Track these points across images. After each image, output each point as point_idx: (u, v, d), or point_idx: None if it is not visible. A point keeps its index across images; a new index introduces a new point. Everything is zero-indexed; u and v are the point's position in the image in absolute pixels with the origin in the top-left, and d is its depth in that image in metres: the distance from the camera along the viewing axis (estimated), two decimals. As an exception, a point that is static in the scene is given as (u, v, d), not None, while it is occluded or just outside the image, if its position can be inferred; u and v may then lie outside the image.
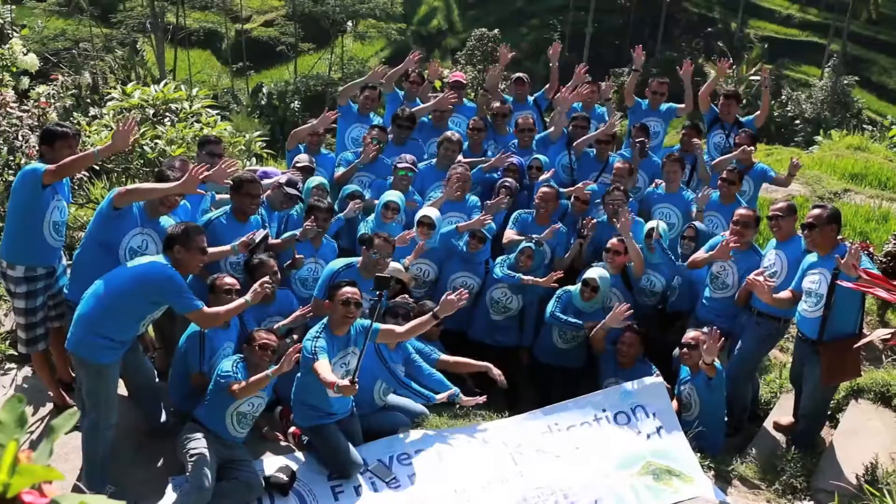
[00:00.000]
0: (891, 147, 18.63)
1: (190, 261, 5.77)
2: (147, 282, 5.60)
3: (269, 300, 6.76)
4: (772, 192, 11.93)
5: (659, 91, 10.43)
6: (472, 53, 41.99)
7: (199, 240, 5.78)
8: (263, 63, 50.05)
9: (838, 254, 6.51)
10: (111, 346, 5.64)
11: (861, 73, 48.06)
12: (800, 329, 7.06)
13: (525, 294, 8.21)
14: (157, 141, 9.82)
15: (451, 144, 9.04)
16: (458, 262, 8.30)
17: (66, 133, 6.45)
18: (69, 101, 11.00)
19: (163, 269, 5.63)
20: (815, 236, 6.75)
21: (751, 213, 7.86)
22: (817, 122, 36.03)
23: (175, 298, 5.66)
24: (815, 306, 6.70)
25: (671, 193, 9.07)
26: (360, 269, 7.11)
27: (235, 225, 7.09)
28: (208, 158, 7.55)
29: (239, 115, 33.74)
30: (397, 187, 8.53)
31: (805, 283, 6.83)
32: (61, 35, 45.04)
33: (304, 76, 45.00)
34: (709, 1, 58.59)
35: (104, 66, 18.86)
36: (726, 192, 8.78)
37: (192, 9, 51.16)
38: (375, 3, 45.92)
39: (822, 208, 6.83)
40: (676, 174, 9.05)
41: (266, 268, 6.73)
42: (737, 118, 10.15)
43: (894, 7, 49.95)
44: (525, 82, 10.61)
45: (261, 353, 6.08)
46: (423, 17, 56.75)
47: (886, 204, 12.64)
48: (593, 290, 7.82)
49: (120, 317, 5.63)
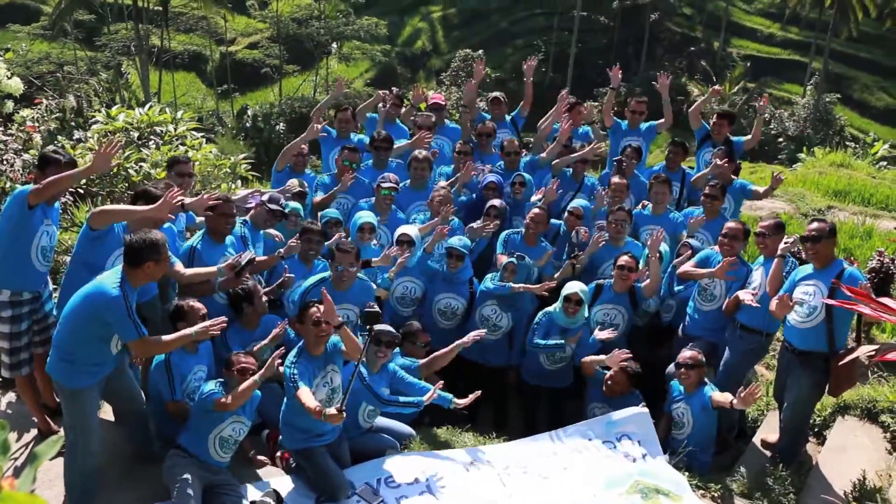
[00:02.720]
0: (873, 164, 18.78)
1: (158, 272, 5.67)
2: (92, 304, 5.46)
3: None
4: (756, 209, 11.99)
5: (637, 110, 10.45)
6: (456, 74, 42.19)
7: (165, 249, 5.64)
8: (248, 85, 50.05)
9: (835, 268, 6.67)
10: (84, 370, 5.57)
11: (843, 90, 48.49)
12: (786, 338, 7.08)
13: (514, 311, 8.19)
14: (141, 164, 9.78)
15: (419, 163, 9.03)
16: (441, 283, 8.28)
17: (57, 161, 6.43)
18: (53, 124, 10.98)
19: (104, 292, 5.44)
20: (819, 248, 6.81)
21: (739, 225, 7.90)
22: (800, 140, 36.29)
23: (115, 323, 5.47)
24: (806, 317, 6.74)
25: (658, 215, 9.08)
26: (333, 282, 7.18)
27: (212, 246, 7.08)
28: (177, 178, 7.61)
29: (224, 138, 33.66)
30: (380, 207, 8.56)
31: (797, 294, 6.85)
32: (46, 58, 44.94)
33: (288, 98, 45.00)
34: (692, 21, 58.99)
35: (89, 89, 18.88)
36: (710, 208, 8.82)
37: (176, 31, 51.18)
38: (360, 24, 45.98)
39: (822, 222, 6.93)
40: (664, 196, 9.07)
41: (255, 298, 6.79)
42: (727, 137, 10.15)
43: (875, 25, 50.36)
44: (502, 102, 10.66)
45: (240, 378, 6.04)
46: (407, 38, 56.89)
47: (870, 220, 12.72)
48: (577, 304, 7.81)
49: (83, 339, 5.54)
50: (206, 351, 6.63)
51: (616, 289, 8.10)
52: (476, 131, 10.09)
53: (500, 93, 11.04)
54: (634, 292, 8.13)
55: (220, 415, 5.94)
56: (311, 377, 6.05)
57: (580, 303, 7.82)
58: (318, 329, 6.16)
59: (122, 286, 5.45)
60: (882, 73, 53.49)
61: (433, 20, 58.29)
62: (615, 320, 8.08)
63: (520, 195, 9.14)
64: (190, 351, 6.39)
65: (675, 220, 9.10)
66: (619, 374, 7.40)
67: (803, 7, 49.96)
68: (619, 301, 8.11)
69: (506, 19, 57.19)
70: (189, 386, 6.32)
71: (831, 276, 6.67)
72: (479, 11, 58.16)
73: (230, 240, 7.25)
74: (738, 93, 45.25)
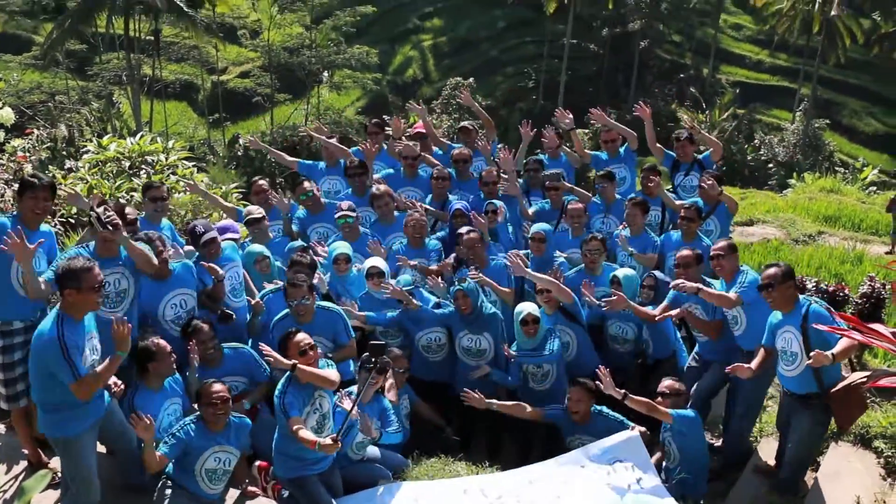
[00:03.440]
0: (863, 189, 18.91)
1: (85, 302, 5.38)
2: (34, 349, 5.38)
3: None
4: (747, 234, 12.02)
5: (609, 139, 10.44)
6: (447, 102, 42.25)
7: (89, 278, 5.35)
8: (240, 114, 50.11)
9: (799, 309, 6.62)
10: (69, 415, 5.50)
11: (832, 116, 48.74)
12: (784, 386, 7.05)
13: (489, 331, 8.00)
14: (132, 193, 9.79)
15: (379, 199, 9.07)
16: (417, 320, 8.17)
17: (32, 184, 6.23)
18: (45, 154, 10.98)
19: (40, 334, 5.31)
20: (775, 295, 6.72)
21: (690, 252, 7.88)
22: (790, 166, 36.43)
23: (53, 365, 5.27)
24: (792, 365, 6.68)
25: (635, 237, 9.08)
26: (293, 317, 7.20)
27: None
28: (151, 203, 7.84)
29: (215, 167, 33.59)
30: (347, 237, 8.61)
31: (778, 344, 6.83)
32: (37, 88, 44.87)
33: (280, 126, 45.00)
34: (681, 48, 59.36)
35: (80, 119, 18.82)
36: (686, 230, 8.85)
37: (168, 61, 51.21)
38: (351, 53, 46.05)
39: (775, 266, 6.80)
40: (636, 217, 9.05)
41: (202, 334, 6.72)
42: (694, 156, 10.17)
43: (862, 51, 50.75)
44: (471, 130, 10.62)
45: (212, 411, 6.01)
46: (398, 66, 57.08)
47: (861, 245, 12.77)
48: (535, 322, 7.76)
49: (50, 386, 5.41)
50: (177, 386, 6.56)
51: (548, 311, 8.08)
52: (454, 157, 10.09)
53: (470, 122, 11.10)
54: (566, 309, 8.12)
55: (201, 446, 5.91)
56: (301, 406, 6.04)
57: (536, 320, 7.77)
58: (306, 358, 6.14)
59: (59, 322, 5.30)
60: (870, 99, 53.89)
61: (424, 48, 58.52)
62: (564, 339, 8.06)
63: (493, 224, 9.12)
64: (153, 389, 6.32)
65: (652, 241, 9.15)
66: (574, 391, 7.32)
67: (791, 34, 50.32)
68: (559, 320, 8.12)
69: (496, 47, 57.46)
70: (162, 424, 6.23)
71: (798, 318, 6.61)
72: (469, 40, 58.43)
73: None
74: (727, 119, 45.48)
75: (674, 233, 9.22)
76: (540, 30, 55.93)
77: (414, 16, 60.29)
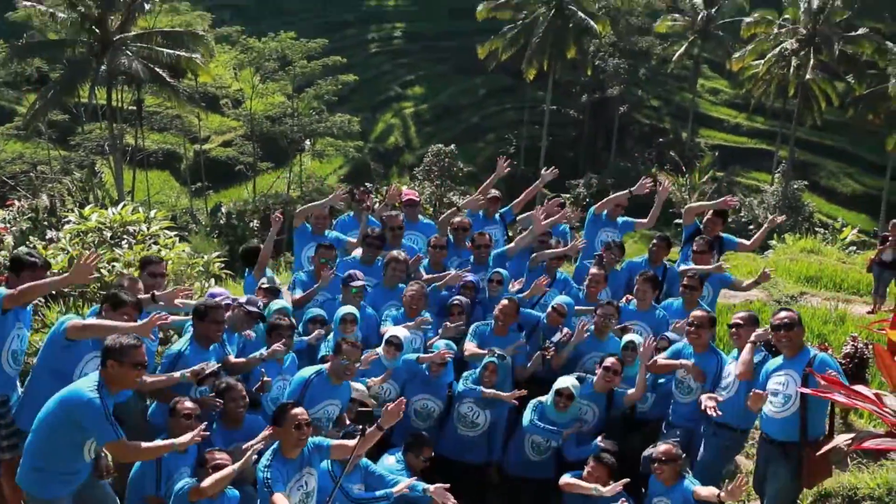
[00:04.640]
0: (843, 249, 19.03)
1: (125, 377, 5.54)
2: (68, 408, 5.37)
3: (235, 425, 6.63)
4: (730, 297, 12.03)
5: (620, 203, 10.50)
6: (429, 169, 42.50)
7: (134, 354, 5.51)
8: (222, 183, 50.14)
9: (805, 356, 6.71)
10: (56, 478, 5.47)
11: (810, 177, 49.37)
12: (764, 430, 7.04)
13: (493, 409, 8.08)
14: (114, 264, 9.73)
15: (398, 264, 8.99)
16: (420, 384, 8.14)
17: (34, 264, 6.38)
18: (25, 224, 10.95)
19: (80, 395, 5.37)
20: (793, 335, 6.83)
21: (705, 314, 7.94)
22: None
23: (92, 426, 5.37)
24: (781, 407, 6.72)
25: (643, 311, 9.06)
26: (330, 374, 7.15)
27: (200, 352, 7.01)
28: (150, 279, 7.62)
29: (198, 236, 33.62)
30: (350, 303, 8.51)
31: (770, 385, 6.85)
32: (19, 158, 45.00)
33: (263, 195, 45.20)
34: (660, 112, 60.21)
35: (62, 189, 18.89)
36: (689, 299, 8.88)
37: (150, 130, 51.40)
38: (333, 121, 46.35)
39: (790, 311, 7.00)
40: (647, 293, 9.04)
41: (234, 392, 6.67)
42: (719, 234, 10.17)
43: (838, 113, 51.53)
44: (499, 199, 10.70)
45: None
46: (380, 134, 57.49)
47: (843, 305, 12.81)
48: (569, 399, 7.72)
49: (57, 446, 5.43)
50: (192, 451, 6.47)
51: (597, 388, 8.04)
52: (453, 226, 10.11)
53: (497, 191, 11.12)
54: (612, 395, 8.08)
55: None
56: (284, 481, 5.90)
57: (571, 397, 7.73)
58: (300, 433, 6.03)
59: (99, 390, 5.37)
60: (847, 160, 54.73)
61: (405, 116, 59.06)
62: (585, 416, 8.01)
63: (496, 293, 9.09)
64: (180, 451, 6.26)
65: (660, 316, 9.07)
66: (595, 467, 7.21)
67: (768, 97, 51.17)
68: (595, 399, 8.06)
69: (477, 114, 58.15)
70: (172, 486, 6.17)
71: (803, 363, 6.67)
72: (450, 107, 59.09)
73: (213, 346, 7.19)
74: (707, 182, 45.95)
75: (674, 301, 9.24)
76: (520, 96, 56.69)
77: (395, 84, 60.96)
